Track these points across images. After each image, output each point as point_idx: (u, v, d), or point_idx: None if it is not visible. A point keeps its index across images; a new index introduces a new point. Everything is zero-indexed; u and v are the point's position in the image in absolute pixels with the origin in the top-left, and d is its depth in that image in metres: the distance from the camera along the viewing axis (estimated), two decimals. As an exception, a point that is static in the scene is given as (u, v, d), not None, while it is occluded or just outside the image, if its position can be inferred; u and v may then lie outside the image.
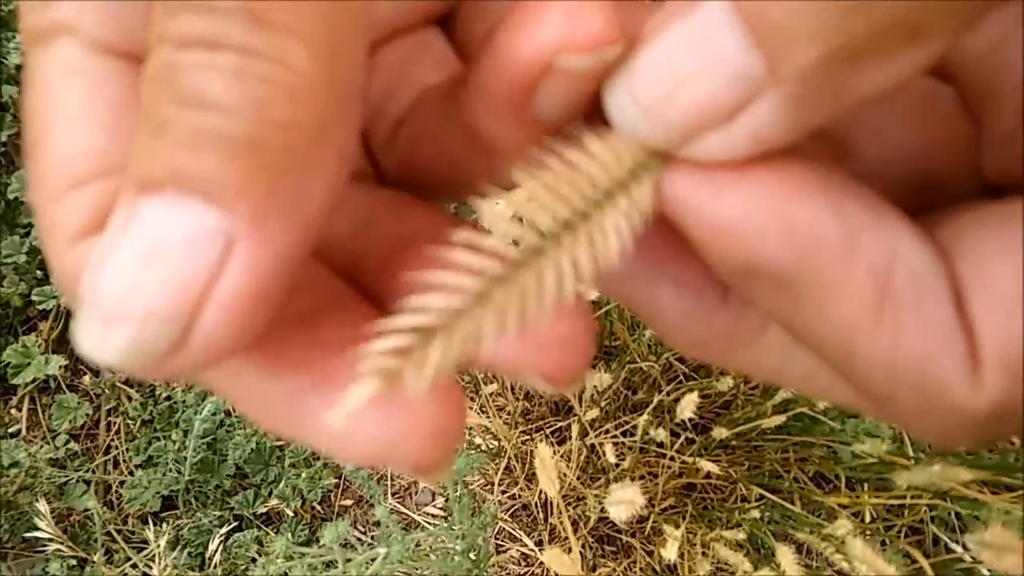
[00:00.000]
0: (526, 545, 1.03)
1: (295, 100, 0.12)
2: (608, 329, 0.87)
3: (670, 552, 0.66)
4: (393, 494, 1.20)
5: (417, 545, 0.93)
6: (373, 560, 0.81)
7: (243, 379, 0.14)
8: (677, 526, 0.73)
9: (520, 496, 1.07)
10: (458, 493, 0.88)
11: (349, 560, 0.78)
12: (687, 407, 0.67)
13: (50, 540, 0.86)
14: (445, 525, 1.06)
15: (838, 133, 0.16)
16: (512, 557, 1.06)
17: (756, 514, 0.75)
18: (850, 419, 0.72)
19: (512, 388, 1.01)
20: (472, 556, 0.87)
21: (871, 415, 0.17)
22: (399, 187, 0.18)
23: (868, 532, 0.79)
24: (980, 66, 0.15)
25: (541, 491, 1.02)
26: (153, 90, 0.12)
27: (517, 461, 1.01)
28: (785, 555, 0.57)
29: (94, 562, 0.97)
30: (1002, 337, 0.13)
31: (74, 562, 0.97)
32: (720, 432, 0.74)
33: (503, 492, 1.06)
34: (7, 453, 1.03)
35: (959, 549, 0.78)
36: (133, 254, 0.12)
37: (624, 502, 0.57)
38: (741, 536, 0.70)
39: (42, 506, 0.85)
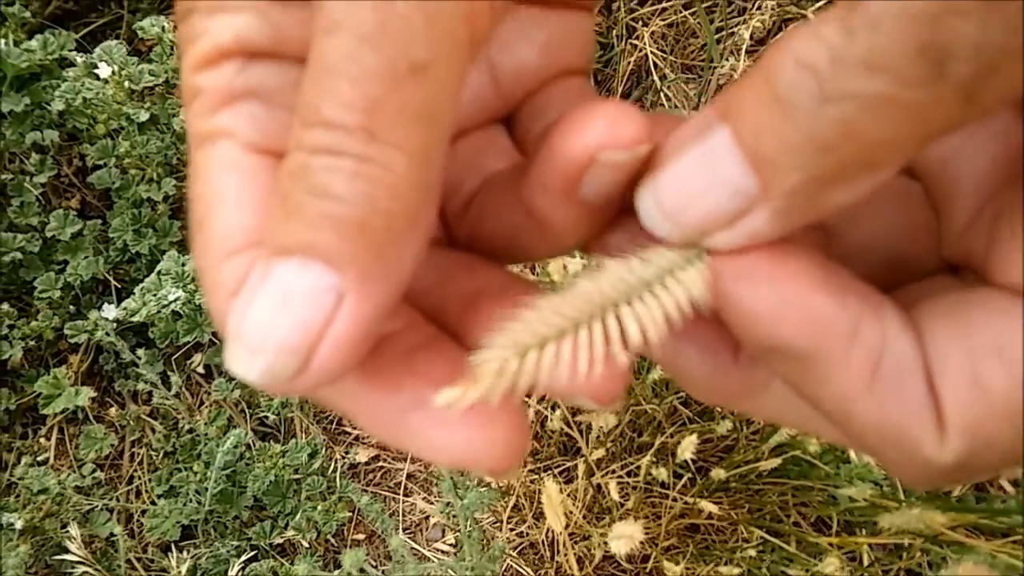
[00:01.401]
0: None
1: (395, 195, 0.16)
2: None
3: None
4: (404, 529, 1.23)
5: (427, 579, 0.96)
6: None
7: (360, 399, 0.19)
8: (678, 564, 0.76)
9: (528, 534, 1.10)
10: (468, 529, 0.91)
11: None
12: (687, 448, 0.70)
13: (79, 563, 0.89)
14: (455, 560, 1.09)
15: (825, 222, 0.20)
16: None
17: (753, 552, 0.78)
18: (844, 464, 0.75)
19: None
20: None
21: (856, 451, 0.21)
22: (468, 251, 0.23)
23: (866, 575, 0.81)
24: (941, 170, 0.19)
25: (548, 529, 1.05)
26: (289, 183, 0.17)
27: (525, 499, 1.04)
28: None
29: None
30: (962, 406, 0.16)
31: (99, 587, 1.01)
32: (719, 473, 0.77)
33: (511, 530, 1.09)
34: (37, 480, 1.07)
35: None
36: (269, 302, 0.16)
37: (624, 537, 0.60)
38: (737, 572, 0.73)
39: (73, 531, 0.89)
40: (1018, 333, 0.16)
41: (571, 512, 0.89)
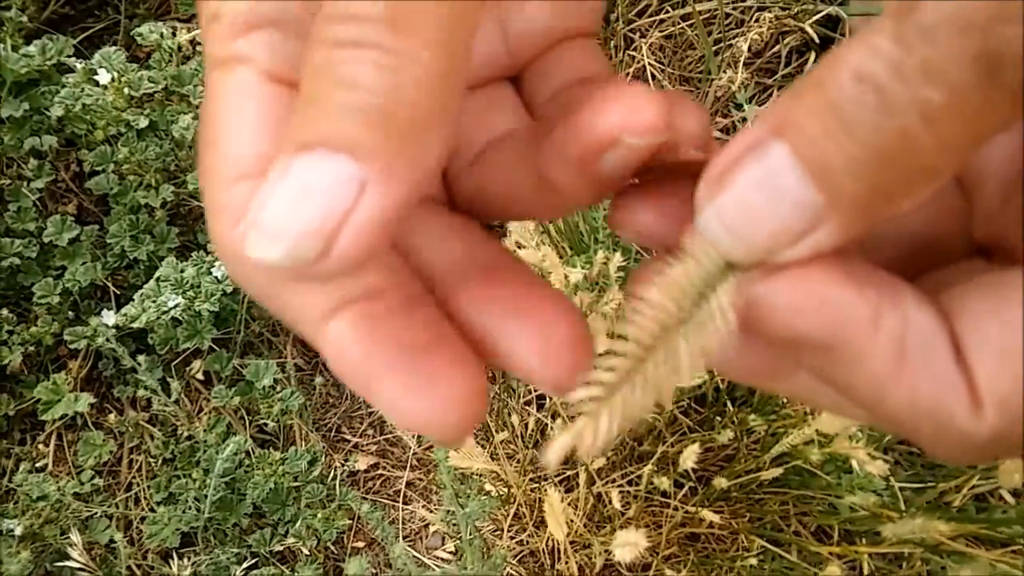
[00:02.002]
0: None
1: (419, 86, 0.16)
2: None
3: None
4: (404, 537, 1.23)
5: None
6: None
7: (373, 373, 0.19)
8: (679, 572, 0.76)
9: (528, 542, 1.10)
10: (469, 537, 0.91)
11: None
12: (688, 457, 0.70)
13: (80, 570, 0.89)
14: (456, 568, 1.09)
15: None
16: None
17: (754, 561, 0.78)
18: (845, 473, 0.75)
19: (522, 436, 1.04)
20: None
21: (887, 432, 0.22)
22: (468, 208, 0.23)
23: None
24: (972, 157, 0.20)
25: (549, 538, 1.05)
26: (311, 77, 0.17)
27: (526, 508, 1.04)
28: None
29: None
30: (996, 380, 0.17)
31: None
32: (720, 482, 0.77)
33: (512, 538, 1.09)
34: (36, 486, 1.07)
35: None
36: (290, 193, 0.16)
37: (629, 544, 0.60)
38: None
39: (74, 537, 0.89)
40: None
41: (572, 520, 0.89)
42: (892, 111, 0.15)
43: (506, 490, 1.01)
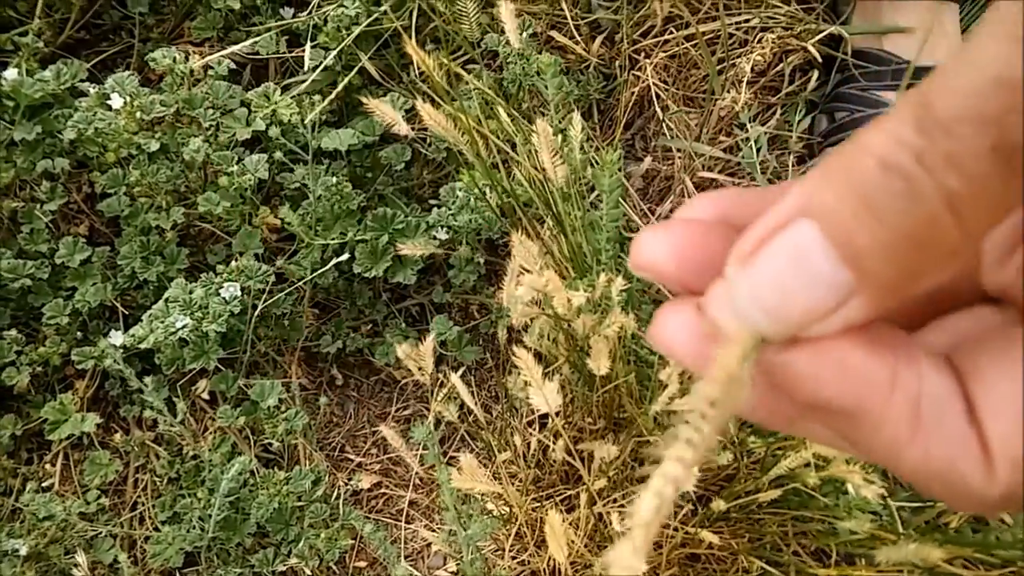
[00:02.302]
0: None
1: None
2: (617, 402, 0.92)
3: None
4: (406, 557, 1.23)
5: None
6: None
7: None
8: (679, 594, 0.77)
9: (529, 563, 1.10)
10: (471, 558, 0.92)
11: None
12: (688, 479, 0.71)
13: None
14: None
15: None
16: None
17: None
18: (843, 495, 0.76)
19: (524, 456, 1.05)
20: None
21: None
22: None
23: (866, 607, 0.82)
24: None
25: (550, 558, 1.06)
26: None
27: (527, 528, 1.04)
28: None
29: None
30: (1008, 440, 0.18)
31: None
32: (720, 504, 0.78)
33: (513, 558, 1.09)
34: (43, 506, 1.07)
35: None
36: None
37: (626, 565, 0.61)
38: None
39: (79, 558, 0.89)
40: None
41: (573, 541, 0.89)
42: (919, 199, 0.16)
43: (507, 510, 1.02)
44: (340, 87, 1.31)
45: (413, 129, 0.96)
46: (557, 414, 0.87)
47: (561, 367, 0.91)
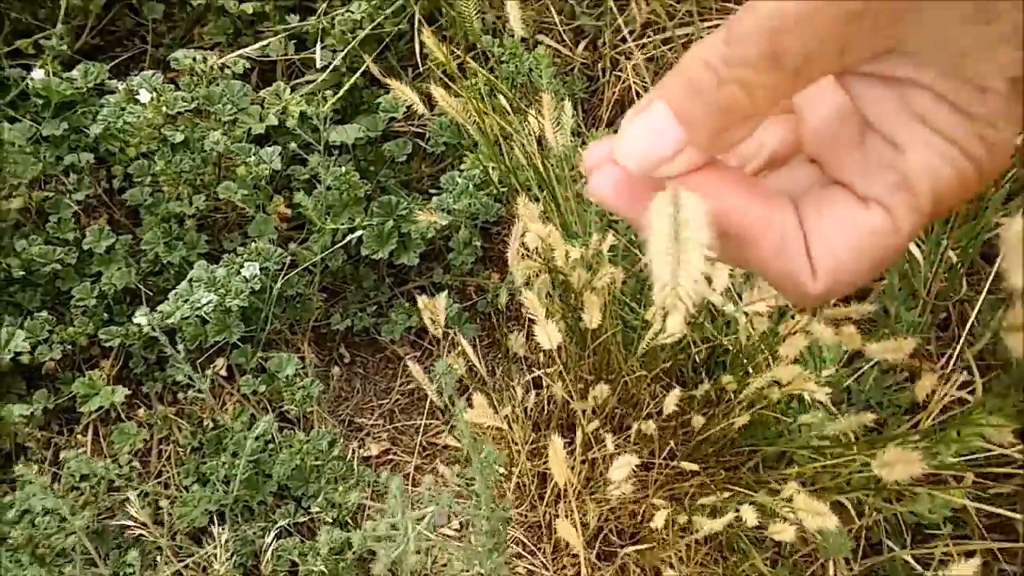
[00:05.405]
0: (536, 554, 1.16)
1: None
2: (606, 360, 1.03)
3: (658, 522, 0.81)
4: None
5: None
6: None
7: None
8: (665, 509, 0.88)
9: (528, 517, 1.21)
10: (483, 477, 1.02)
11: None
12: (671, 402, 0.83)
13: (136, 526, 1.00)
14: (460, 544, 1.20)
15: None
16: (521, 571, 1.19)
17: (727, 495, 0.90)
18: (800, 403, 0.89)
19: (526, 411, 1.16)
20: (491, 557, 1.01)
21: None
22: None
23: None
24: (802, 111, 0.32)
25: (547, 512, 1.17)
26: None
27: (529, 478, 1.15)
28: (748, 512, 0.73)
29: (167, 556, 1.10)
30: (824, 260, 0.29)
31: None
32: (698, 420, 0.90)
33: (515, 509, 1.20)
34: (84, 464, 1.17)
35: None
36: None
37: (623, 466, 0.72)
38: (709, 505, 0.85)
39: (132, 496, 0.99)
40: (854, 222, 0.29)
41: (572, 467, 1.00)
42: (723, 84, 0.27)
43: (510, 449, 1.12)
44: (347, 86, 1.43)
45: (422, 116, 1.07)
46: (559, 350, 0.98)
47: (559, 323, 1.02)
